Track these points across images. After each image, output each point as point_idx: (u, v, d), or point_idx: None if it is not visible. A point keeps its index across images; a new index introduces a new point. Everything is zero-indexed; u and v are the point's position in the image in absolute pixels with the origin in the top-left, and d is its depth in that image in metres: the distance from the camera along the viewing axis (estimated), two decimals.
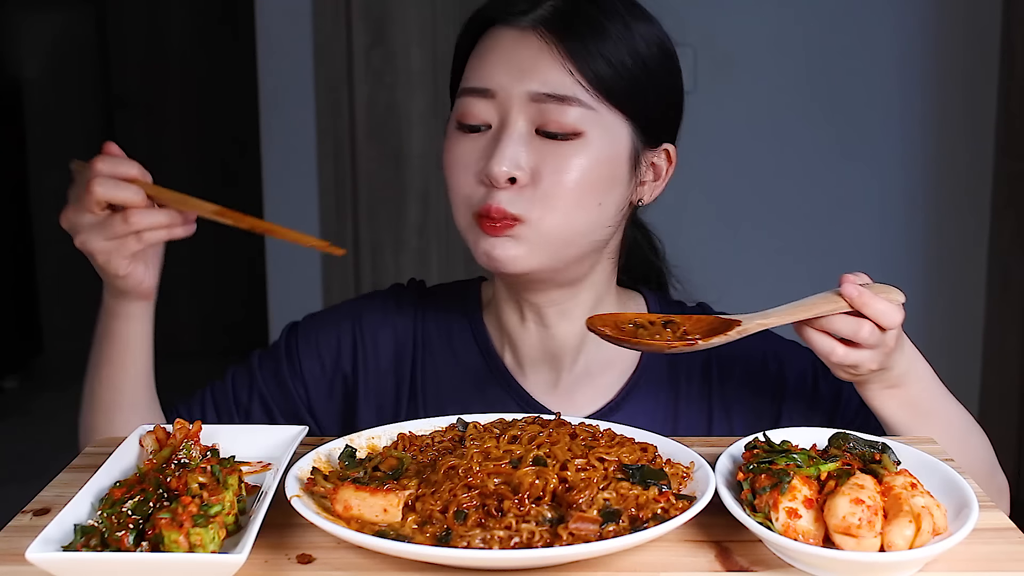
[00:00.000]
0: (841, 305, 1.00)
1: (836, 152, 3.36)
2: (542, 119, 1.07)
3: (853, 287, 1.00)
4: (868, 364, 1.03)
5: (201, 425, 0.96)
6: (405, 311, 1.27)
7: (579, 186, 1.08)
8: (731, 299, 1.30)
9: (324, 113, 3.40)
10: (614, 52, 1.09)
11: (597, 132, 1.08)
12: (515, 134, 1.07)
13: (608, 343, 1.01)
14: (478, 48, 1.12)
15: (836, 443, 0.92)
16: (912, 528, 0.79)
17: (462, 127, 1.11)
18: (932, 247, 3.38)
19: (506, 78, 1.08)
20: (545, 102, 1.07)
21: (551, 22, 1.08)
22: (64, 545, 0.80)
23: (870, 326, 1.00)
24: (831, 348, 1.02)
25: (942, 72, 3.31)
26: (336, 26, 3.37)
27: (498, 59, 1.09)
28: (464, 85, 1.11)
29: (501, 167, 1.06)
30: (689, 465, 0.92)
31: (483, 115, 1.09)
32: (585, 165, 1.08)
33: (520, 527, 0.81)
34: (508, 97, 1.08)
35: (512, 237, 1.08)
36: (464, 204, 1.11)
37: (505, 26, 1.10)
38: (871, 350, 1.02)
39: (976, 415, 1.19)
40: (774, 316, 1.01)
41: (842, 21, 3.29)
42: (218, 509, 0.81)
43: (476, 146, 1.09)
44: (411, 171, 3.39)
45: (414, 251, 3.50)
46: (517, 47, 1.09)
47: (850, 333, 1.00)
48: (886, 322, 1.00)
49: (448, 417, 1.04)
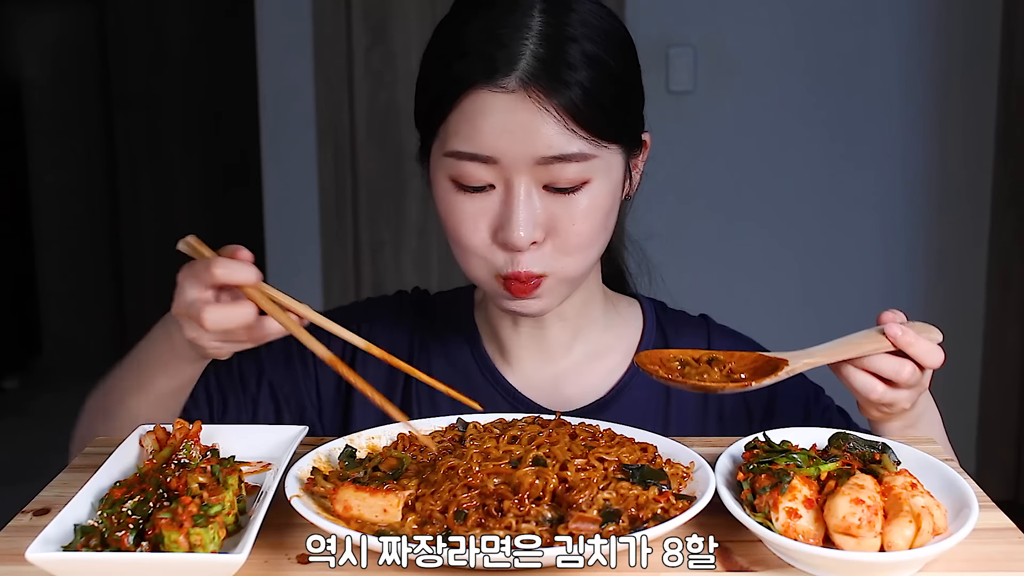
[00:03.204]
0: (884, 344, 1.01)
1: (836, 152, 3.36)
2: (549, 177, 1.05)
3: (897, 327, 1.00)
4: (903, 403, 1.04)
5: (201, 425, 0.96)
6: (405, 317, 1.28)
7: (593, 229, 1.09)
8: (731, 299, 1.30)
9: (324, 113, 3.40)
10: (602, 88, 1.06)
11: (600, 173, 1.08)
12: (526, 198, 1.05)
13: (659, 380, 1.01)
14: (463, 111, 1.05)
15: (836, 443, 0.92)
16: (912, 528, 0.79)
17: (460, 187, 1.08)
18: (932, 246, 3.38)
19: (506, 145, 1.04)
20: (551, 163, 1.04)
21: (538, 78, 1.03)
22: (64, 545, 0.80)
23: (912, 366, 1.01)
24: (871, 387, 1.02)
25: (942, 72, 3.31)
26: (336, 26, 3.37)
27: (493, 126, 1.04)
28: (457, 148, 1.06)
29: (520, 234, 1.05)
30: (689, 465, 0.92)
31: (484, 178, 1.06)
32: (595, 207, 1.08)
33: (520, 527, 0.81)
34: (512, 163, 1.05)
35: (539, 295, 1.10)
36: (481, 263, 1.10)
37: (491, 89, 1.04)
38: (908, 390, 1.03)
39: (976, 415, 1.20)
40: (819, 355, 1.01)
41: (842, 21, 3.29)
42: (218, 509, 0.81)
43: (482, 207, 1.07)
44: (411, 171, 3.39)
45: (414, 251, 3.50)
46: (512, 112, 1.03)
47: (892, 373, 1.01)
48: (928, 363, 1.01)
49: (448, 417, 1.04)
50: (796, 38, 3.30)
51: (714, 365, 1.02)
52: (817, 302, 3.37)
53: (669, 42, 3.22)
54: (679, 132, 3.25)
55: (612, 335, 1.26)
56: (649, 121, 1.18)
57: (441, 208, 1.11)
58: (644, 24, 3.19)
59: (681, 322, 1.29)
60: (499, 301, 1.13)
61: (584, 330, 1.24)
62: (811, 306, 3.36)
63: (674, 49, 3.24)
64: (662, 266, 1.39)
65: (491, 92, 1.04)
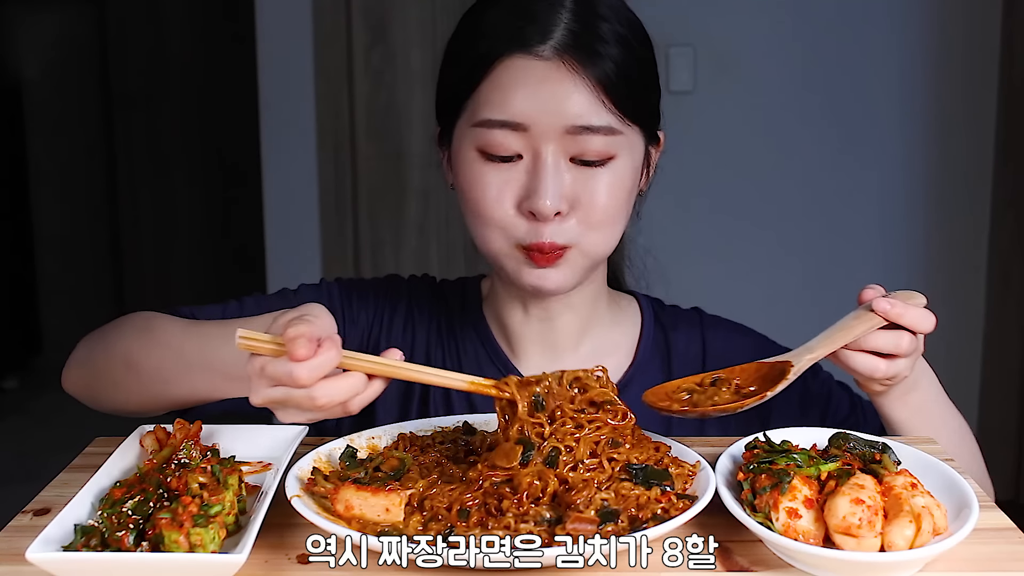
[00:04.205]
0: (876, 322, 1.01)
1: (836, 152, 3.35)
2: (577, 148, 1.07)
3: (884, 301, 1.00)
4: (905, 372, 1.04)
5: (201, 425, 0.96)
6: (424, 302, 1.29)
7: (616, 205, 1.11)
8: (731, 298, 1.30)
9: (324, 113, 3.40)
10: (630, 68, 1.10)
11: (624, 151, 1.10)
12: (554, 167, 1.07)
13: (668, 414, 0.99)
14: (495, 79, 1.08)
15: (836, 443, 0.92)
16: (912, 528, 0.79)
17: (487, 156, 1.09)
18: (932, 247, 3.38)
19: (538, 112, 1.06)
20: (580, 134, 1.07)
21: (573, 49, 1.07)
22: (64, 545, 0.80)
23: (909, 336, 1.02)
24: (874, 366, 1.02)
25: (942, 72, 3.30)
26: (336, 26, 3.37)
27: (526, 92, 1.06)
28: (488, 116, 1.08)
29: (547, 203, 1.06)
30: (694, 464, 0.92)
31: (513, 147, 1.08)
32: (619, 185, 1.10)
33: (519, 527, 0.81)
34: (542, 131, 1.07)
35: (560, 266, 1.11)
36: (501, 234, 1.11)
37: (524, 55, 1.07)
38: (907, 358, 1.03)
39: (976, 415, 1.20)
40: (819, 348, 1.01)
41: (842, 21, 3.29)
42: (218, 509, 0.82)
43: (509, 177, 1.09)
44: (411, 170, 3.39)
45: (414, 250, 3.50)
46: (545, 79, 1.06)
47: (892, 347, 1.01)
48: (922, 329, 1.02)
49: (452, 417, 1.05)
50: (796, 38, 3.30)
51: (719, 385, 1.01)
52: (817, 302, 3.37)
53: (669, 42, 3.22)
54: (679, 132, 3.23)
55: (617, 332, 1.27)
56: None
57: (465, 180, 1.11)
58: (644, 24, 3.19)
59: (676, 317, 1.30)
60: (518, 274, 1.12)
61: (591, 325, 1.25)
62: (811, 306, 3.36)
63: (674, 49, 3.23)
64: (662, 266, 1.40)
65: (525, 59, 1.07)
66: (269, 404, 0.90)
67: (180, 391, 1.10)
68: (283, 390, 0.87)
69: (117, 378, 1.13)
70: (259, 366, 0.88)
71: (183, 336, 1.11)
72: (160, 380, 1.10)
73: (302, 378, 0.85)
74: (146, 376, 1.11)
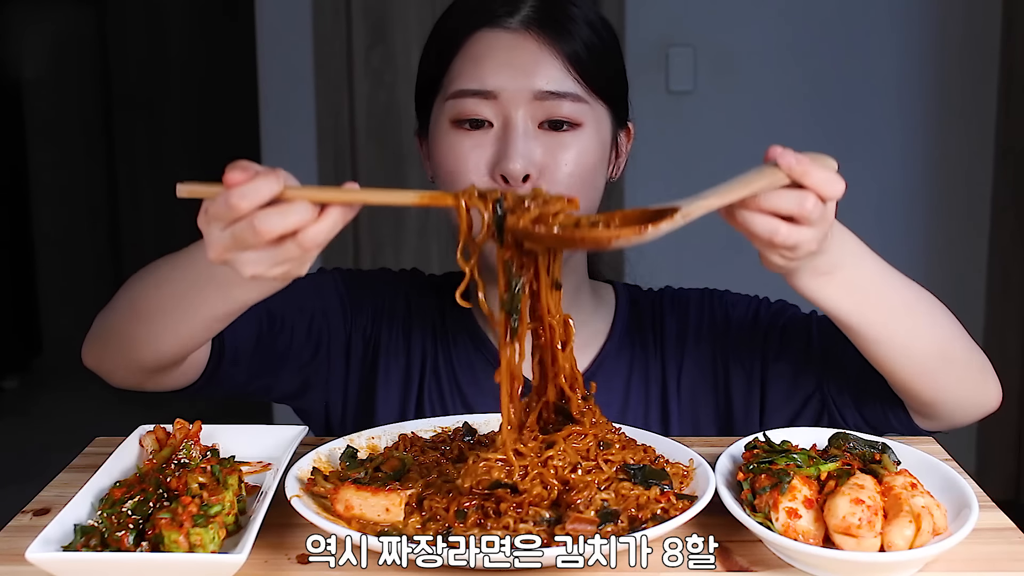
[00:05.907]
0: (779, 178, 0.90)
1: (836, 152, 3.28)
2: (545, 113, 1.13)
3: (791, 155, 0.90)
4: (809, 244, 0.93)
5: (201, 425, 0.96)
6: (421, 294, 1.32)
7: (583, 172, 1.14)
8: None
9: (324, 113, 3.40)
10: (592, 43, 1.16)
11: (591, 122, 1.15)
12: (523, 131, 1.12)
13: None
14: (467, 51, 1.15)
15: (836, 443, 0.93)
16: (912, 528, 0.79)
17: (460, 124, 1.14)
18: (932, 247, 3.38)
19: (507, 79, 1.13)
20: (547, 99, 1.13)
21: (540, 22, 1.14)
22: (64, 545, 0.80)
23: (814, 198, 0.91)
24: (774, 228, 0.91)
25: (942, 71, 3.30)
26: (336, 26, 3.37)
27: (496, 61, 1.13)
28: (460, 87, 1.14)
29: (517, 165, 1.10)
30: (688, 463, 0.92)
31: (484, 113, 1.13)
32: (586, 151, 1.14)
33: (518, 527, 0.81)
34: (511, 97, 1.12)
35: None
36: None
37: (493, 28, 1.15)
38: (812, 227, 0.92)
39: None
40: (713, 197, 0.91)
41: (842, 20, 3.29)
42: (218, 509, 0.82)
43: (480, 142, 1.13)
44: (411, 170, 3.39)
45: (414, 251, 3.50)
46: (514, 48, 1.14)
47: (795, 207, 0.90)
48: (829, 191, 0.91)
49: (452, 417, 1.05)
50: (796, 38, 3.30)
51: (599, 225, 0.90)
52: None
53: (669, 42, 3.22)
54: (679, 132, 3.24)
55: (598, 319, 1.28)
56: (649, 121, 1.19)
57: (440, 152, 1.16)
58: (644, 24, 3.19)
59: (650, 298, 1.31)
60: None
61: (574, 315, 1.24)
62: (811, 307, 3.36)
63: (674, 49, 3.23)
64: (661, 266, 1.40)
65: (494, 31, 1.15)
66: (222, 254, 0.85)
67: (191, 322, 1.02)
68: (228, 231, 0.84)
69: (129, 331, 1.08)
70: (203, 210, 0.86)
71: (171, 267, 1.05)
72: (164, 314, 1.03)
73: (239, 206, 0.82)
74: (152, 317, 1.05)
